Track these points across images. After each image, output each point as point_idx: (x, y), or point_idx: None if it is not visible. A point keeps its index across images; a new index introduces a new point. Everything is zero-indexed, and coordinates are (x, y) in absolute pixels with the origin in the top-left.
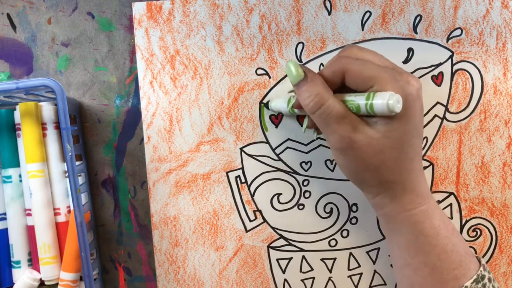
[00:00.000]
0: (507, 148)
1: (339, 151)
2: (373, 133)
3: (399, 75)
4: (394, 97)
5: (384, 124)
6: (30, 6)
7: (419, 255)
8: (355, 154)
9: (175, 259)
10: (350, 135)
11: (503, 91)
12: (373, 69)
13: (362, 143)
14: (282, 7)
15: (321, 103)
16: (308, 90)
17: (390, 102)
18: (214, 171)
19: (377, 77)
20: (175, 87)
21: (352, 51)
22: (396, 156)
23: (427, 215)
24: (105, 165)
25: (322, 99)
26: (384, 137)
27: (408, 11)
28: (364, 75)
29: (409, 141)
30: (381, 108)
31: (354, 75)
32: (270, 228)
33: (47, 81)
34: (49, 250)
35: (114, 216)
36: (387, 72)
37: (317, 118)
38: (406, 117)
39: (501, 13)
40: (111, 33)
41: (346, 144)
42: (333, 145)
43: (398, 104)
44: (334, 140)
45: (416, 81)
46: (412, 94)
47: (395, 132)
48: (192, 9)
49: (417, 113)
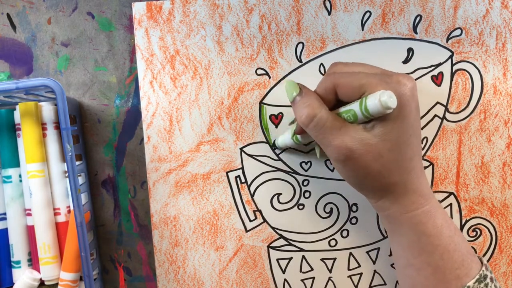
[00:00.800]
0: (507, 148)
1: (339, 162)
2: (371, 138)
3: (389, 77)
4: (386, 94)
5: (381, 127)
6: (30, 6)
7: (422, 255)
8: (355, 163)
9: (175, 259)
10: (347, 145)
11: (503, 91)
12: (361, 77)
13: (361, 151)
14: (282, 7)
15: (313, 114)
16: (302, 103)
17: (383, 99)
18: (214, 171)
19: (367, 84)
20: (175, 87)
21: (338, 67)
22: (395, 158)
23: (429, 215)
24: (105, 165)
25: (313, 110)
26: (382, 141)
27: (408, 11)
28: (354, 85)
29: (406, 140)
30: (375, 107)
31: (344, 87)
32: (270, 228)
33: (47, 81)
34: (49, 250)
35: (114, 216)
36: (376, 77)
37: (313, 131)
38: (401, 117)
39: (501, 13)
40: (111, 33)
41: (344, 155)
42: (333, 157)
43: (391, 98)
44: (332, 152)
45: (408, 80)
46: (404, 93)
47: (392, 133)
48: (192, 9)
49: (413, 112)
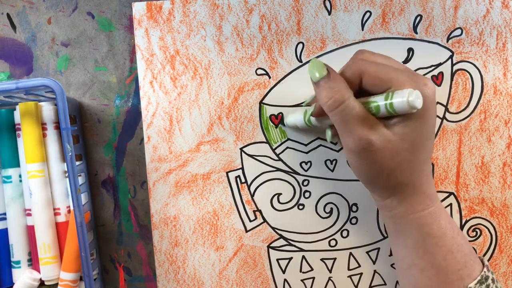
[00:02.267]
0: (507, 148)
1: (354, 153)
2: (391, 135)
3: (416, 77)
4: (414, 94)
5: (402, 126)
6: (30, 6)
7: (426, 255)
8: (371, 156)
9: (175, 259)
10: (368, 137)
11: (503, 91)
12: (390, 71)
13: (380, 145)
14: (282, 7)
15: (342, 100)
16: (330, 87)
17: (411, 99)
18: (214, 171)
19: (394, 79)
20: (175, 87)
21: (365, 55)
22: (410, 158)
23: (435, 217)
24: (105, 165)
25: (343, 96)
26: (401, 140)
27: (408, 11)
28: (382, 77)
29: (423, 143)
30: (401, 105)
31: (371, 77)
32: (270, 228)
33: (47, 81)
34: (49, 250)
35: (114, 216)
36: (404, 74)
37: (336, 117)
38: (423, 119)
39: (501, 13)
40: (111, 33)
41: (363, 146)
42: (349, 146)
43: (418, 99)
44: (351, 141)
45: (432, 84)
46: (429, 96)
47: (411, 134)
48: (192, 9)
49: (433, 115)
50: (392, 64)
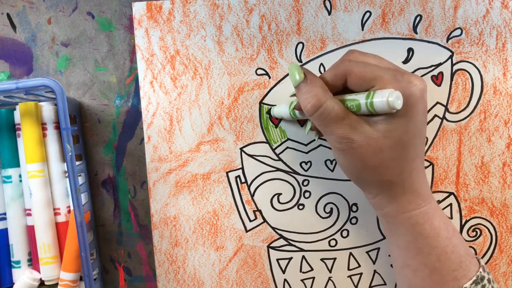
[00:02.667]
0: (507, 148)
1: (338, 151)
2: (373, 132)
3: (401, 75)
4: (394, 94)
5: (385, 123)
6: (30, 6)
7: (418, 256)
8: (354, 153)
9: (175, 259)
10: (348, 136)
11: (503, 91)
12: (374, 70)
13: (361, 143)
14: (282, 7)
15: (319, 104)
16: (307, 91)
17: (390, 99)
18: (214, 171)
19: (378, 78)
20: (175, 87)
21: (354, 55)
22: (396, 156)
23: (427, 217)
24: (105, 165)
25: (319, 100)
26: (384, 137)
27: (408, 11)
28: (366, 76)
29: (410, 141)
30: (381, 105)
31: (356, 76)
32: (270, 228)
33: (47, 81)
34: (49, 250)
35: (114, 216)
36: (389, 72)
37: (316, 120)
38: (407, 117)
39: (501, 13)
40: (111, 33)
41: (345, 145)
42: (333, 145)
43: (398, 100)
44: (333, 140)
45: (420, 81)
46: (414, 94)
47: (395, 132)
48: (192, 9)
49: (420, 114)
50: (379, 63)
